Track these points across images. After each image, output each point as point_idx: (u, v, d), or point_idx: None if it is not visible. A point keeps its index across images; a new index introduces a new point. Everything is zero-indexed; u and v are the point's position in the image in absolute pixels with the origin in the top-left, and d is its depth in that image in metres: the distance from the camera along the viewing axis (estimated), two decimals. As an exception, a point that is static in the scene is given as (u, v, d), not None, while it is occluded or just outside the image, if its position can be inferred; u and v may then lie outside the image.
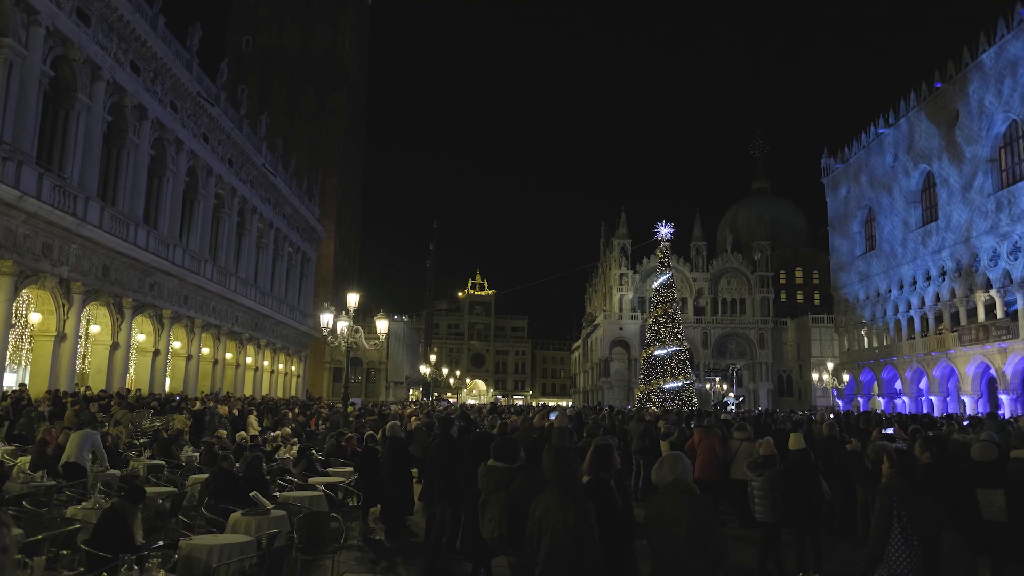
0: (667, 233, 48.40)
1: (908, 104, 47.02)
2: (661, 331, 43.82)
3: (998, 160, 39.33)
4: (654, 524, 4.70)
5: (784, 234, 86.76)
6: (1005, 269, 37.62)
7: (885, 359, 50.23)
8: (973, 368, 40.84)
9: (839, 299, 57.95)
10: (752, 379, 73.71)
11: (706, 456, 11.89)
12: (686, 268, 75.97)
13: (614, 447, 5.76)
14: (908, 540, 4.46)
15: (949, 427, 15.32)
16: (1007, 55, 37.60)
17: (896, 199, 48.48)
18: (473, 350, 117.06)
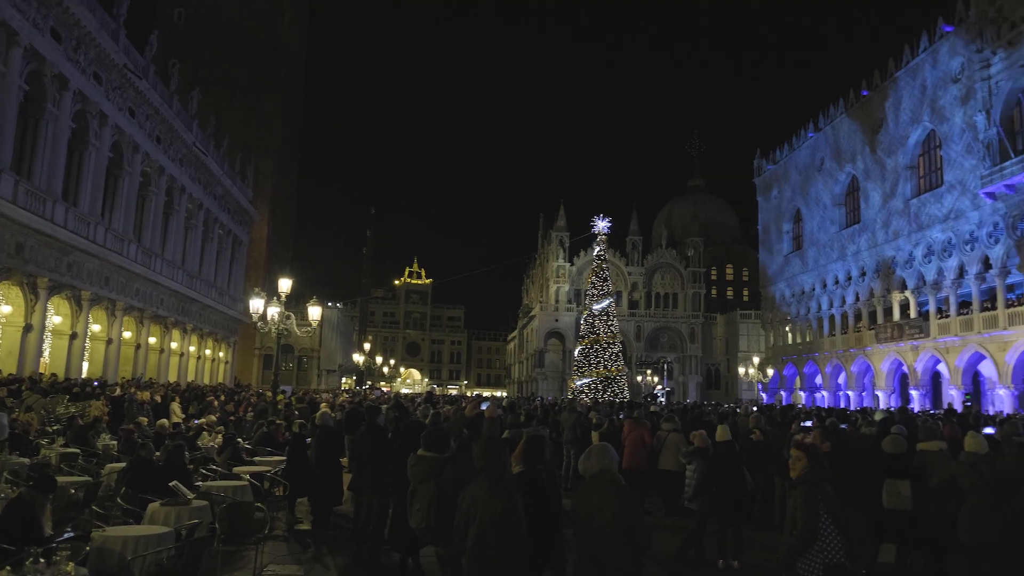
0: (604, 227, 49.11)
1: (837, 110, 48.88)
2: (595, 324, 44.48)
3: (916, 167, 41.33)
4: (580, 514, 4.75)
5: (717, 231, 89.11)
6: (919, 271, 39.62)
7: (807, 355, 52.29)
8: (888, 365, 42.92)
9: (767, 296, 59.96)
10: (682, 372, 75.61)
11: (634, 446, 12.14)
12: (622, 262, 77.19)
13: (546, 439, 5.81)
14: (838, 526, 4.63)
15: (863, 420, 16.05)
16: (926, 68, 39.48)
17: (823, 201, 50.38)
18: (408, 339, 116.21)
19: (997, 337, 34.05)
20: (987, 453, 6.56)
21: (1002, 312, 33.90)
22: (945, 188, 37.73)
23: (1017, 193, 32.61)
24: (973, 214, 35.50)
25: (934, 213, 38.53)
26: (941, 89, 38.26)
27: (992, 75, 34.21)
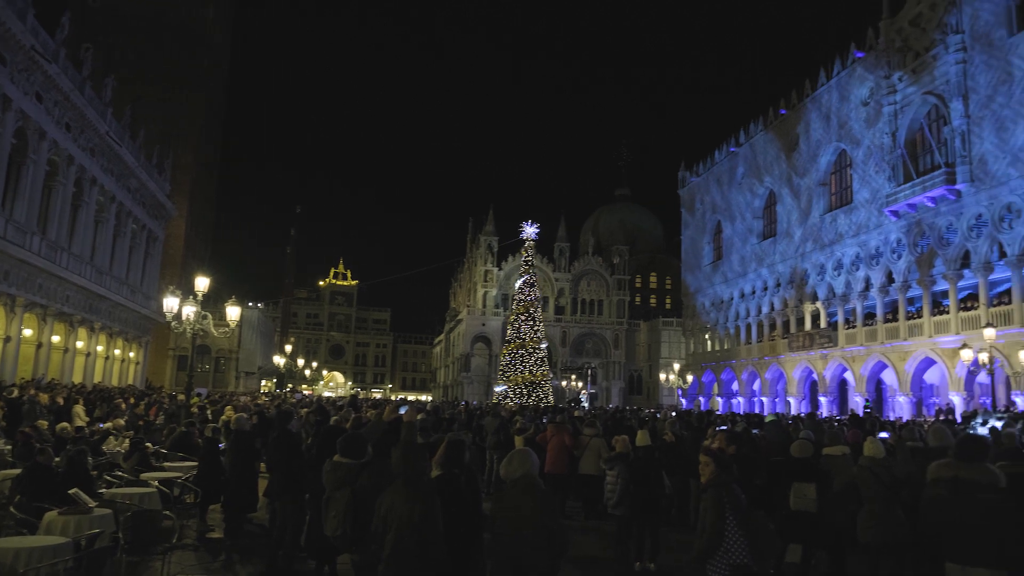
0: (533, 233, 49.48)
1: (757, 127, 50.87)
2: (522, 329, 44.73)
3: (828, 185, 43.43)
4: (500, 518, 4.76)
5: (642, 240, 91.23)
6: (829, 284, 41.61)
7: (725, 362, 54.07)
8: (799, 372, 44.85)
9: (688, 304, 61.70)
10: (606, 377, 76.95)
11: (556, 451, 12.26)
12: (549, 268, 78.01)
13: (465, 443, 5.79)
14: (742, 529, 4.79)
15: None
16: (838, 90, 41.59)
17: (742, 214, 52.29)
18: (332, 341, 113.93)
19: (898, 347, 36.08)
20: (884, 457, 6.94)
21: (903, 324, 35.95)
22: (854, 205, 39.77)
23: (918, 212, 34.67)
24: (879, 231, 37.54)
25: (844, 229, 40.55)
26: (852, 111, 40.35)
27: (897, 100, 36.31)
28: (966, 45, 32.26)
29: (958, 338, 30.96)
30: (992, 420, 16.06)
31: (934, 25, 34.14)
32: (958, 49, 32.43)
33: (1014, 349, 27.77)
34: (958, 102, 32.26)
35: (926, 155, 35.18)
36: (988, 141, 30.90)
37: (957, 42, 32.46)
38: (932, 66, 34.08)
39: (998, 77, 30.64)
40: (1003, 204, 30.15)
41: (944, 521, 5.06)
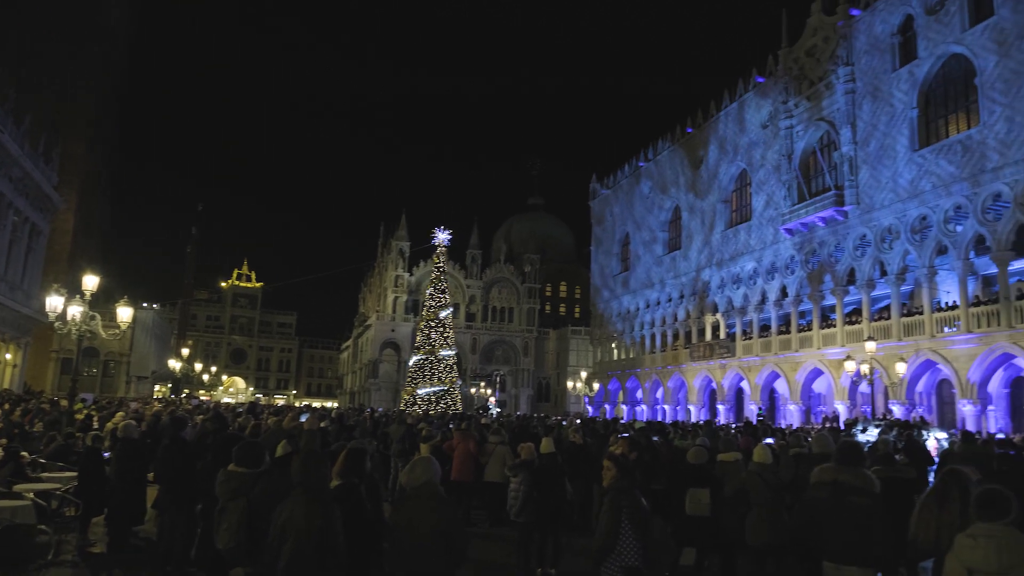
0: (445, 239, 49.30)
1: (665, 143, 52.70)
2: (431, 336, 44.47)
3: (730, 202, 45.46)
4: (401, 526, 4.71)
5: (553, 249, 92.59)
6: (729, 297, 43.50)
7: (630, 370, 55.53)
8: (699, 381, 46.61)
9: (596, 313, 63.03)
10: (515, 384, 77.48)
11: (462, 458, 12.23)
12: (461, 275, 77.98)
13: (367, 451, 5.69)
14: (635, 533, 4.94)
15: (675, 432, 17.25)
16: (741, 112, 43.71)
17: (650, 226, 53.96)
18: (234, 345, 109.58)
19: (790, 358, 38.10)
20: (771, 463, 7.31)
21: (795, 336, 38.00)
22: (753, 223, 41.80)
23: (810, 231, 36.79)
24: (775, 247, 39.59)
25: (743, 245, 42.54)
26: (752, 133, 42.46)
27: (794, 125, 38.49)
28: (855, 77, 34.59)
29: (843, 350, 32.99)
30: (871, 427, 17.18)
31: (827, 56, 36.42)
32: (847, 80, 34.72)
33: (892, 361, 29.83)
34: (847, 129, 34.52)
35: (818, 177, 37.39)
36: (871, 167, 33.19)
37: (847, 74, 34.75)
38: (824, 95, 36.31)
39: (881, 108, 32.99)
40: (884, 227, 32.42)
41: (823, 522, 5.38)
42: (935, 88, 31.16)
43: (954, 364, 28.65)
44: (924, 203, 30.26)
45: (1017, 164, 26.24)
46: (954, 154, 29.12)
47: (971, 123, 28.93)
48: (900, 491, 7.48)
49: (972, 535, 3.67)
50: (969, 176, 28.18)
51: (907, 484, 7.83)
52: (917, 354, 30.22)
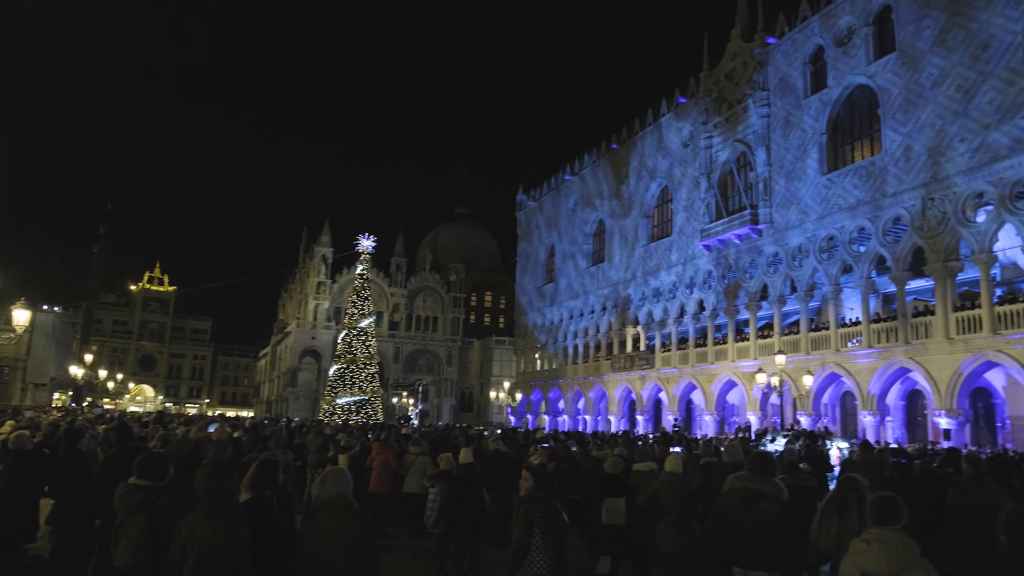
0: (369, 246, 48.62)
1: (591, 157, 53.69)
2: (353, 344, 43.68)
3: (652, 217, 46.68)
4: (311, 540, 4.59)
5: (479, 259, 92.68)
6: (649, 309, 44.57)
7: (553, 381, 56.06)
8: (620, 392, 47.48)
9: (520, 324, 63.42)
10: (437, 394, 76.97)
11: (380, 470, 12.04)
12: (385, 283, 77.08)
13: (279, 462, 5.52)
14: (547, 544, 4.97)
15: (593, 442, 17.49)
16: (663, 131, 45.03)
17: (575, 239, 54.78)
18: (143, 351, 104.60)
19: (706, 370, 39.31)
20: (682, 472, 7.51)
21: (711, 349, 39.26)
22: (674, 238, 43.05)
23: (726, 247, 38.17)
24: (693, 263, 40.87)
25: (664, 259, 43.73)
26: (674, 151, 43.79)
27: (713, 145, 39.93)
28: (770, 101, 36.21)
29: (756, 363, 34.28)
30: (779, 437, 17.90)
31: (745, 81, 38.00)
32: (763, 104, 36.32)
33: (800, 374, 31.20)
34: (762, 151, 36.07)
35: (735, 196, 38.87)
36: (784, 188, 34.77)
37: (763, 98, 36.34)
38: (742, 117, 37.84)
39: (793, 132, 34.63)
40: (795, 245, 33.97)
41: (734, 528, 5.56)
42: (842, 116, 32.94)
43: (856, 377, 30.20)
44: (831, 224, 31.87)
45: (915, 190, 28.00)
46: (859, 178, 30.82)
47: (874, 150, 30.71)
48: (803, 498, 7.80)
49: (866, 540, 3.87)
50: (872, 200, 29.88)
51: (809, 492, 8.17)
52: (823, 367, 31.71)
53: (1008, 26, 25.29)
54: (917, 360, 27.59)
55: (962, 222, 26.28)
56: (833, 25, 32.99)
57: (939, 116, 27.35)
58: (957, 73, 26.82)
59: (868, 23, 31.16)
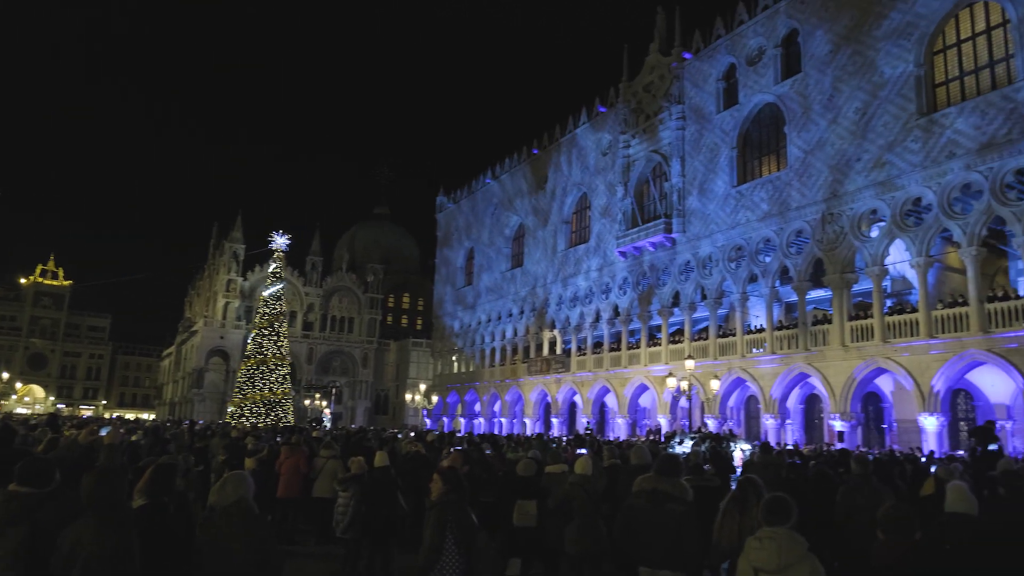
0: (284, 244, 47.31)
1: (512, 162, 54.05)
2: (264, 344, 42.33)
3: (570, 223, 47.43)
4: (211, 546, 4.41)
5: (398, 260, 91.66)
6: (566, 314, 45.23)
7: (469, 383, 56.04)
8: (535, 395, 47.94)
9: (438, 326, 63.10)
10: (352, 396, 75.57)
11: (289, 474, 11.72)
12: (300, 282, 75.13)
13: (177, 467, 5.27)
14: (459, 548, 4.95)
15: (508, 445, 17.60)
16: (583, 139, 45.87)
17: (494, 243, 55.00)
18: (33, 349, 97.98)
19: (620, 374, 40.21)
20: (592, 474, 7.66)
21: (625, 353, 40.19)
22: (591, 244, 43.86)
23: (641, 255, 39.19)
24: (609, 269, 41.76)
25: (581, 265, 44.49)
26: (593, 159, 44.66)
27: (631, 155, 40.95)
28: (685, 115, 37.45)
29: (667, 367, 35.32)
30: (686, 440, 18.49)
31: (662, 93, 39.16)
32: (678, 117, 37.53)
33: (708, 378, 32.36)
34: (676, 163, 37.26)
35: (650, 205, 39.97)
36: (696, 199, 36.03)
37: (678, 111, 37.55)
38: (658, 128, 38.98)
39: (706, 145, 35.94)
40: (705, 254, 35.23)
41: (640, 528, 5.70)
42: (752, 131, 34.44)
43: (760, 382, 31.58)
44: (740, 235, 33.24)
45: (815, 205, 29.57)
46: (766, 192, 32.29)
47: (780, 165, 32.25)
48: (707, 499, 8.08)
49: (759, 538, 4.07)
50: (777, 213, 31.36)
51: (713, 492, 8.47)
52: (730, 372, 33.00)
53: (902, 55, 27.10)
54: (815, 366, 29.10)
55: (858, 237, 27.94)
56: (745, 45, 34.45)
57: (839, 136, 28.99)
58: (856, 97, 28.52)
59: (776, 45, 32.71)
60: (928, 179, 25.58)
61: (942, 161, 25.17)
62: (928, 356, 25.23)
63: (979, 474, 12.76)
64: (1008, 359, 22.93)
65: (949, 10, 26.19)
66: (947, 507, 4.92)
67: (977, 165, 24.16)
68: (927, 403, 24.98)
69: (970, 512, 4.83)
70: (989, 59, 25.32)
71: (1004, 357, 23.06)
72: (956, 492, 4.96)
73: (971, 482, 12.00)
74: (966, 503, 4.85)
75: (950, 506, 4.89)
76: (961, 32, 26.34)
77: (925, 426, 25.21)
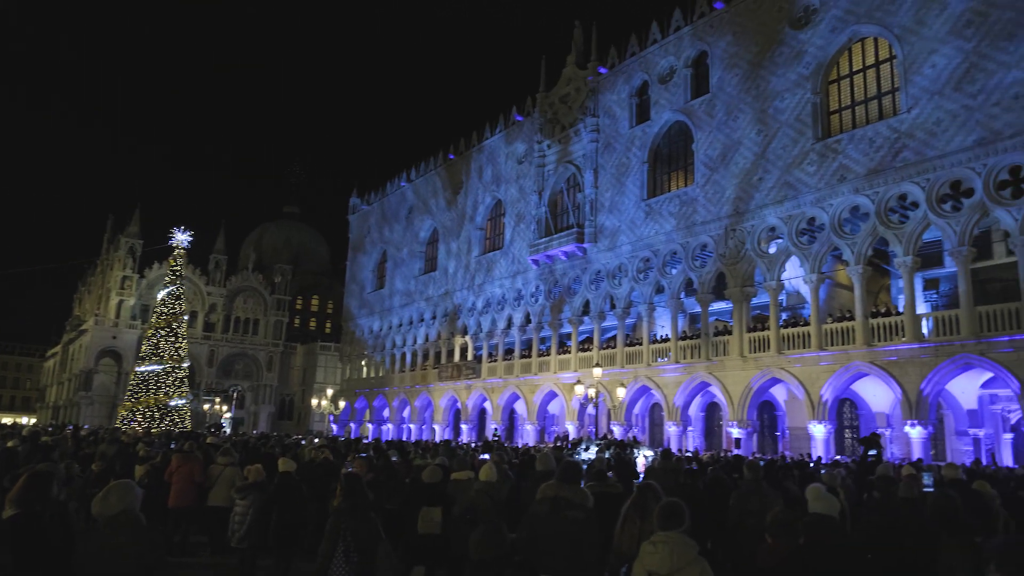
0: (185, 240, 45.20)
1: (428, 166, 53.72)
2: (161, 345, 40.24)
3: (485, 230, 47.57)
4: (93, 559, 4.15)
5: (308, 261, 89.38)
6: (478, 320, 45.28)
7: (379, 389, 55.17)
8: (445, 401, 47.69)
9: (347, 330, 61.84)
10: (255, 401, 73.05)
11: (182, 483, 11.19)
12: (202, 280, 72.07)
13: (55, 475, 4.94)
14: (349, 557, 4.86)
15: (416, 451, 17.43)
16: (499, 147, 46.16)
17: (408, 246, 54.44)
18: None
19: (529, 381, 40.57)
20: (497, 480, 7.68)
21: (535, 360, 40.60)
22: (505, 251, 44.12)
23: (554, 263, 39.75)
24: (522, 276, 42.13)
25: (494, 271, 44.68)
26: (509, 167, 44.99)
27: (546, 164, 41.51)
28: (599, 128, 38.32)
29: (576, 375, 35.91)
30: (592, 446, 18.84)
31: (577, 106, 39.94)
32: (593, 130, 38.36)
33: (615, 386, 33.10)
34: (590, 174, 38.05)
35: (564, 214, 40.61)
36: (608, 210, 36.89)
37: (593, 124, 38.38)
38: (573, 140, 39.72)
39: (619, 159, 36.88)
40: (615, 265, 36.10)
41: (541, 535, 5.75)
42: (663, 147, 35.59)
43: (664, 390, 32.59)
44: (648, 247, 34.25)
45: (719, 220, 30.84)
46: (674, 206, 33.42)
47: (687, 181, 33.46)
48: (609, 505, 8.25)
49: (653, 542, 4.20)
50: (684, 227, 32.51)
51: (615, 498, 8.64)
52: (636, 380, 33.89)
53: (801, 83, 28.71)
54: (716, 375, 30.29)
55: (757, 252, 29.33)
56: (657, 63, 35.61)
57: (742, 156, 30.38)
58: (759, 119, 29.99)
59: (687, 65, 33.99)
60: (822, 200, 27.16)
61: (834, 184, 26.79)
62: (818, 367, 26.72)
63: (861, 479, 13.62)
64: (888, 371, 24.59)
65: (843, 43, 27.95)
66: (809, 508, 5.27)
67: (865, 189, 25.86)
68: (816, 412, 26.44)
69: (828, 512, 5.16)
70: (877, 91, 27.17)
71: (885, 369, 24.71)
72: (813, 493, 5.31)
73: (854, 486, 12.79)
74: (823, 503, 5.19)
75: (811, 507, 5.24)
76: (854, 64, 28.15)
77: (814, 433, 26.65)
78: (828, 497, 5.24)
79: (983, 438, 26.97)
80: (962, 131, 23.45)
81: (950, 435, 27.93)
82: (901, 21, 25.75)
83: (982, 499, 9.01)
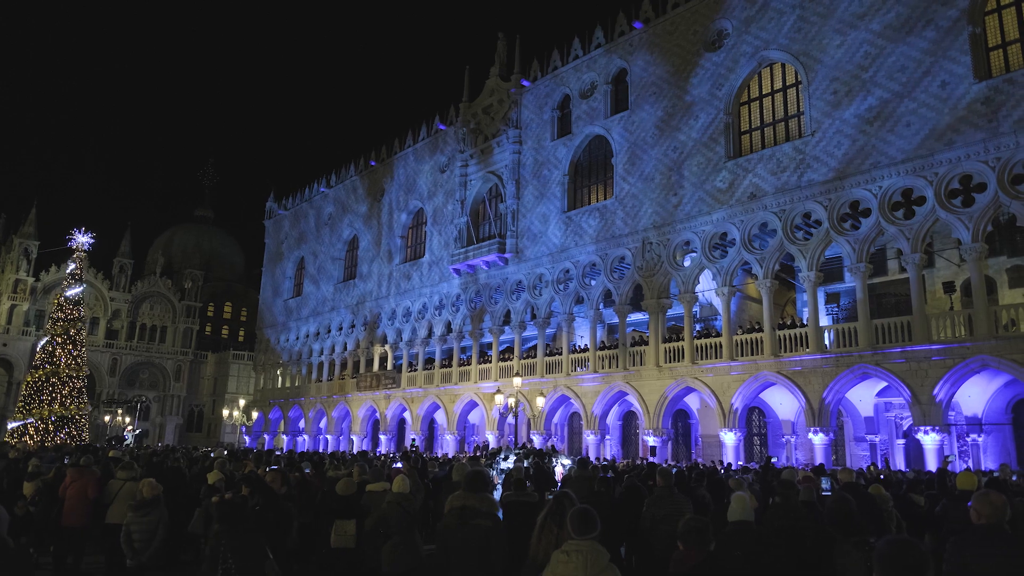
0: (86, 242, 42.74)
1: (348, 172, 52.82)
2: (57, 353, 37.82)
3: (407, 237, 47.14)
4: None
5: (220, 267, 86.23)
6: (399, 329, 44.74)
7: (294, 399, 53.66)
8: (364, 411, 46.83)
9: (262, 338, 59.94)
10: (161, 412, 69.75)
11: (75, 499, 10.53)
12: (105, 285, 68.41)
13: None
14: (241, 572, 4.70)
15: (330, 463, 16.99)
16: (422, 155, 45.92)
17: (327, 253, 53.30)
18: None
19: (450, 390, 40.34)
20: (409, 492, 7.59)
21: (455, 369, 40.43)
22: (426, 260, 43.83)
23: (475, 273, 39.76)
24: (444, 285, 41.93)
25: (415, 280, 44.29)
26: (431, 175, 44.79)
27: (468, 174, 41.54)
28: (521, 139, 38.69)
29: (496, 384, 35.95)
30: (511, 456, 18.87)
31: (500, 117, 40.22)
32: (515, 141, 38.70)
33: (535, 396, 33.32)
34: (512, 185, 38.33)
35: (485, 224, 40.73)
36: (529, 221, 37.23)
37: (515, 135, 38.73)
38: (495, 150, 39.94)
39: (540, 171, 37.33)
40: (536, 275, 36.44)
41: (451, 546, 5.72)
42: (583, 160, 36.25)
43: (583, 399, 33.05)
44: (569, 258, 34.75)
45: (636, 234, 31.63)
46: (593, 219, 34.05)
47: (607, 195, 34.18)
48: (526, 514, 8.29)
49: (565, 551, 4.22)
50: (603, 239, 33.17)
51: (532, 507, 8.70)
52: (555, 390, 34.23)
53: (714, 103, 29.86)
54: (633, 385, 30.96)
55: (672, 265, 30.23)
56: (579, 78, 36.29)
57: (658, 171, 31.30)
58: (675, 136, 30.98)
59: (607, 81, 34.79)
60: (733, 216, 28.28)
61: (745, 201, 27.95)
62: (729, 377, 27.72)
63: (766, 484, 14.18)
64: (793, 380, 25.77)
65: (754, 67, 29.26)
66: (729, 516, 5.42)
67: (772, 207, 27.09)
68: (727, 420, 27.39)
69: (748, 519, 5.34)
70: (785, 113, 28.56)
71: (790, 379, 25.88)
72: (736, 502, 5.47)
73: (760, 491, 13.30)
74: (744, 511, 5.37)
75: (731, 515, 5.40)
76: (763, 87, 29.51)
77: (725, 441, 27.61)
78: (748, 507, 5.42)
79: (879, 444, 28.63)
80: (860, 155, 24.94)
81: (849, 441, 29.52)
82: (806, 49, 27.21)
83: (876, 501, 9.55)
